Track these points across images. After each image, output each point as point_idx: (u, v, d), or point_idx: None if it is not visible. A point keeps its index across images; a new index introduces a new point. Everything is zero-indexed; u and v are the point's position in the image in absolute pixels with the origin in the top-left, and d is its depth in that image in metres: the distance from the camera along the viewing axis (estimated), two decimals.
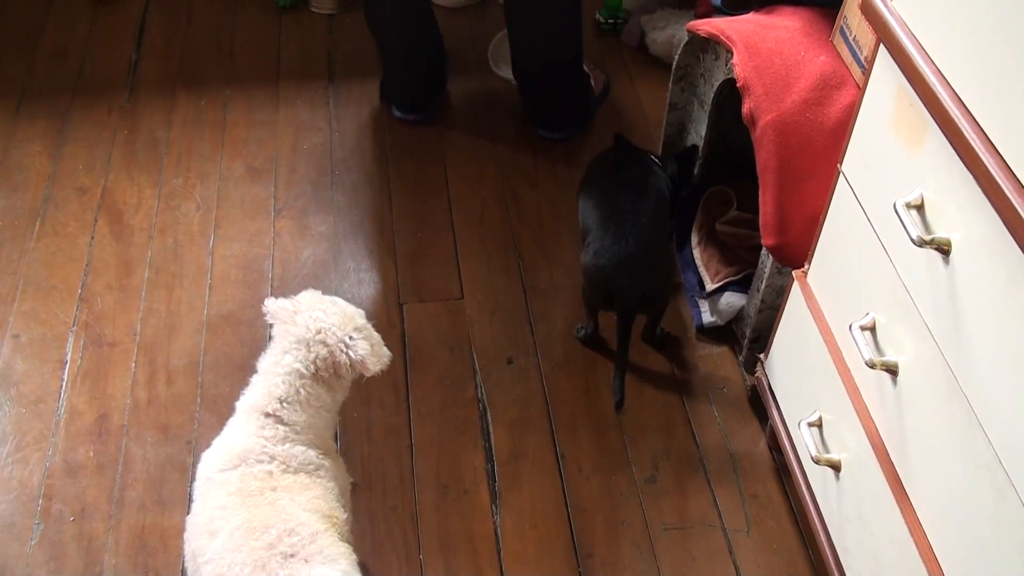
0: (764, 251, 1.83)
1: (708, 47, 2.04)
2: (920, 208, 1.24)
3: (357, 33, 2.89)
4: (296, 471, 1.41)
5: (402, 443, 1.94)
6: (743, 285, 2.07)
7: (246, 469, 1.39)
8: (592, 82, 2.65)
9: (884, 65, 1.33)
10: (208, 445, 1.74)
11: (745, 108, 1.78)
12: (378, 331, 1.56)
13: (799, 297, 1.66)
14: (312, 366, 1.46)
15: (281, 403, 1.44)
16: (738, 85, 1.80)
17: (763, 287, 1.86)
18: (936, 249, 1.20)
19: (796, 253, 1.71)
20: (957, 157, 1.14)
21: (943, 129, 1.17)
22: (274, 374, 1.46)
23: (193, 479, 1.82)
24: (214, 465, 1.42)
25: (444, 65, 2.65)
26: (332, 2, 2.99)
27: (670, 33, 2.79)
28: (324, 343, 1.46)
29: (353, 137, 2.59)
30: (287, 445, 1.42)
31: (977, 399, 1.16)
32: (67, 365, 2.04)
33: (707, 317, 2.12)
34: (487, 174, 2.50)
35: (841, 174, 1.49)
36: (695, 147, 2.20)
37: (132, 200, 2.39)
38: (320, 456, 1.46)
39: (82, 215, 2.35)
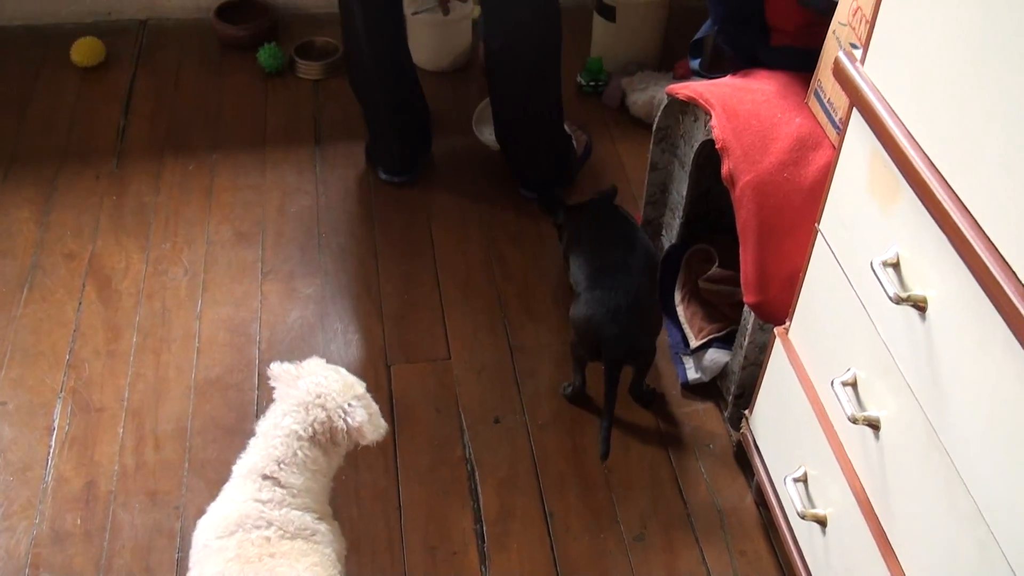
0: (746, 308, 1.86)
1: (687, 109, 2.09)
2: (896, 266, 1.27)
3: (342, 98, 2.94)
4: (293, 537, 1.42)
5: (390, 505, 1.94)
6: (727, 342, 2.10)
7: (243, 535, 1.40)
8: (574, 143, 2.70)
9: (857, 128, 1.37)
10: (198, 510, 1.74)
11: (724, 169, 1.82)
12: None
13: (781, 354, 1.69)
14: (310, 428, 1.48)
15: (279, 465, 1.46)
16: (717, 147, 1.84)
17: (746, 344, 1.89)
18: (913, 306, 1.23)
19: (777, 310, 1.74)
20: (930, 217, 1.17)
21: (916, 190, 1.20)
22: (273, 436, 1.49)
23: (181, 545, 1.83)
24: (211, 531, 1.43)
25: (429, 128, 2.70)
26: (318, 68, 3.04)
27: (650, 95, 2.84)
28: (323, 407, 1.49)
29: (340, 200, 2.62)
30: (284, 510, 1.43)
31: (957, 453, 1.18)
32: (55, 432, 2.04)
33: (692, 374, 2.14)
34: (472, 234, 2.53)
35: (819, 233, 1.52)
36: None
37: (120, 265, 2.41)
38: (316, 520, 1.47)
39: (70, 281, 2.37)
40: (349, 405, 1.50)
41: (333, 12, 2.47)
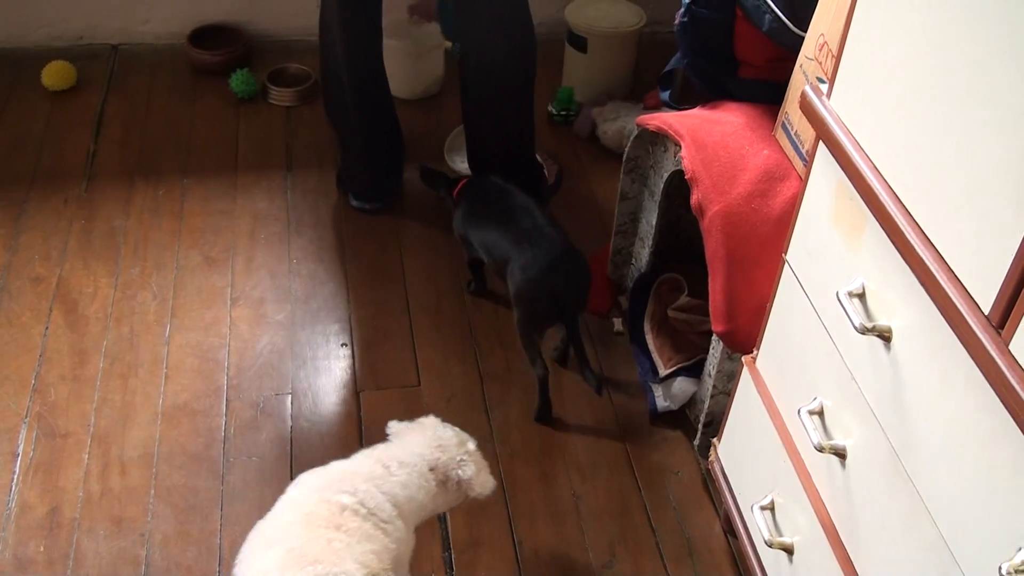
0: (715, 337, 1.88)
1: (657, 140, 2.11)
2: (862, 297, 1.29)
3: (314, 125, 2.95)
4: (366, 517, 1.48)
5: None
6: (695, 370, 2.11)
7: (328, 494, 1.49)
8: (546, 172, 2.72)
9: (823, 161, 1.39)
10: (164, 537, 1.75)
11: (694, 199, 1.84)
12: (335, 420, 1.58)
13: (749, 382, 1.70)
14: (436, 464, 1.62)
15: (400, 463, 1.58)
16: (686, 177, 1.86)
17: (714, 372, 1.90)
18: (878, 336, 1.24)
19: (745, 339, 1.75)
20: (894, 249, 1.20)
21: (880, 222, 1.23)
22: (400, 448, 1.62)
23: (147, 573, 1.82)
24: (310, 475, 1.57)
25: (401, 156, 2.71)
26: (290, 95, 3.05)
27: (620, 125, 2.87)
28: (444, 451, 1.64)
29: (311, 227, 2.62)
30: (373, 488, 1.52)
31: (921, 481, 1.20)
32: (19, 457, 2.02)
33: (661, 402, 2.15)
34: (443, 262, 2.54)
35: (786, 263, 1.54)
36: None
37: (88, 290, 2.39)
38: (395, 515, 1.53)
39: (37, 305, 2.35)
40: (462, 459, 1.64)
41: (306, 39, 2.49)
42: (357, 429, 2.11)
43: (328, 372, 2.24)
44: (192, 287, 2.42)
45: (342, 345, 2.30)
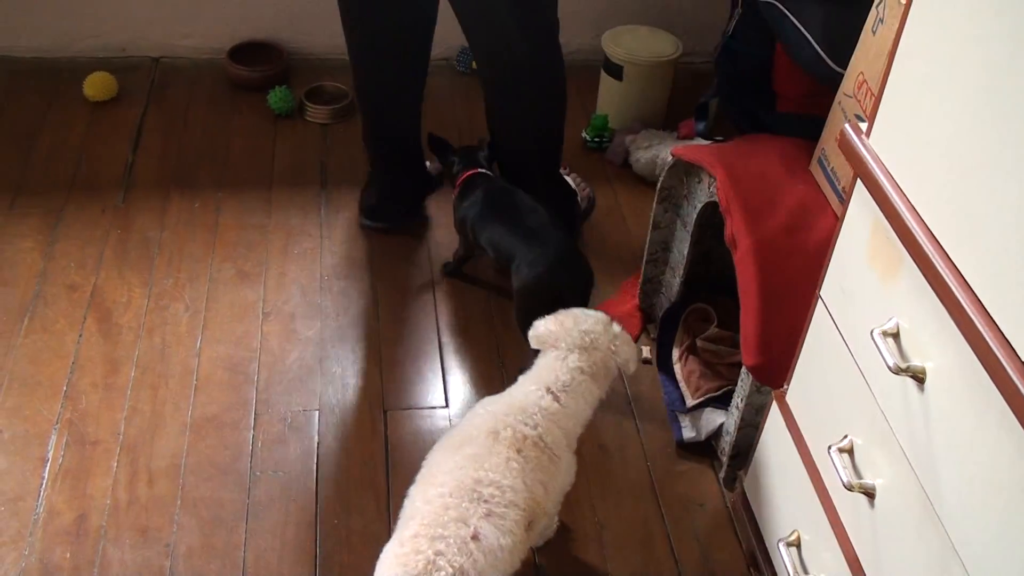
0: (744, 370, 1.88)
1: (692, 170, 2.12)
2: (896, 336, 1.29)
3: (350, 143, 2.97)
4: (543, 449, 1.63)
5: (381, 551, 1.93)
6: (723, 402, 2.11)
7: (515, 422, 1.63)
8: (579, 197, 2.73)
9: (861, 199, 1.40)
10: (188, 548, 1.76)
11: (728, 231, 1.84)
12: (361, 438, 1.60)
13: (778, 417, 1.70)
14: (592, 367, 1.73)
15: (564, 387, 1.70)
16: (720, 209, 1.87)
17: (743, 405, 1.90)
18: (912, 377, 1.24)
19: (776, 373, 1.75)
20: (931, 290, 1.19)
21: (917, 263, 1.23)
22: (559, 369, 1.72)
23: None
24: (487, 403, 1.71)
25: (423, 192, 2.73)
26: (327, 112, 3.08)
27: (653, 154, 2.88)
28: (597, 349, 1.74)
29: (343, 244, 2.65)
30: (552, 424, 1.66)
31: (952, 525, 1.19)
32: (48, 463, 2.04)
33: (687, 432, 2.15)
34: (473, 283, 2.55)
35: (820, 299, 1.55)
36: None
37: (122, 299, 2.42)
38: (567, 448, 1.70)
39: (71, 312, 2.38)
40: (615, 345, 1.75)
41: (343, 58, 2.50)
42: (383, 448, 2.12)
43: (356, 390, 2.25)
44: (224, 300, 2.44)
45: (370, 363, 2.31)
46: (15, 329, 2.32)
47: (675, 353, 2.29)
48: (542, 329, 1.78)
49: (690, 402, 2.16)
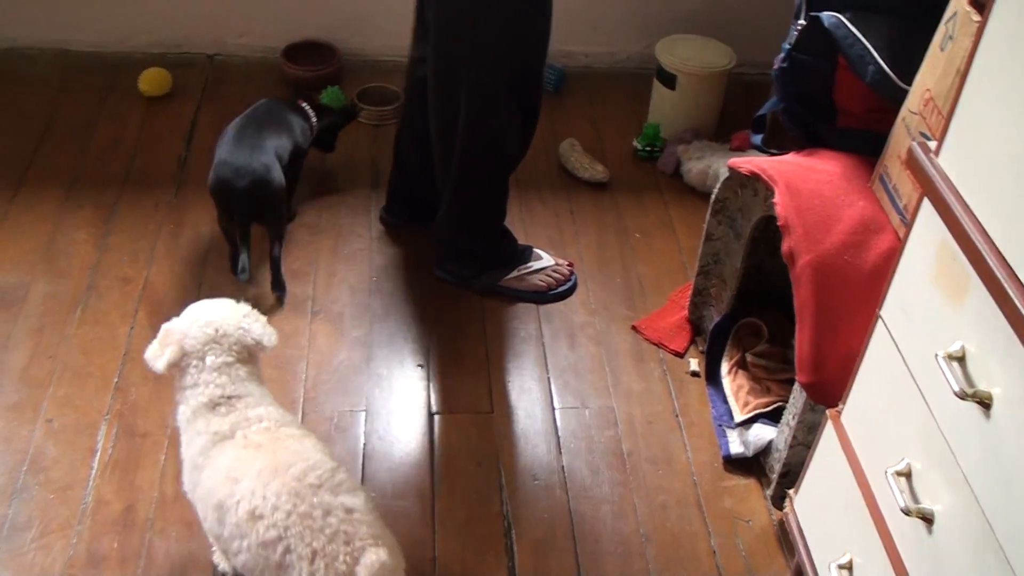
0: (797, 387, 1.86)
1: (747, 183, 2.10)
2: (962, 360, 1.27)
3: None
4: (285, 424, 1.63)
5: (426, 555, 1.93)
6: (773, 418, 2.09)
7: (244, 430, 1.59)
8: (540, 265, 2.57)
9: (927, 218, 1.37)
10: None
11: (785, 246, 1.82)
12: (407, 441, 1.60)
13: (832, 436, 1.68)
14: (233, 353, 1.66)
15: (225, 392, 1.63)
16: (779, 224, 1.85)
17: (794, 423, 1.88)
18: (978, 402, 1.22)
19: (831, 392, 1.73)
20: (1000, 314, 1.17)
21: (987, 285, 1.20)
22: (205, 382, 1.64)
23: None
24: (205, 448, 1.61)
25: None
26: (378, 113, 3.09)
27: (705, 165, 2.86)
28: (226, 334, 1.66)
29: (392, 245, 2.65)
30: (260, 409, 1.63)
31: (1015, 555, 1.16)
32: (97, 453, 2.06)
33: (735, 447, 2.13)
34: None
35: (880, 319, 1.52)
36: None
37: (173, 293, 2.44)
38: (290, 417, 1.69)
39: (123, 305, 2.40)
40: (244, 326, 1.68)
41: (395, 60, 2.52)
42: (429, 451, 2.12)
43: (403, 392, 2.25)
44: (274, 298, 2.45)
45: (418, 366, 2.31)
46: (68, 319, 2.35)
47: (724, 367, 2.27)
48: (158, 339, 1.70)
49: (739, 417, 2.14)
